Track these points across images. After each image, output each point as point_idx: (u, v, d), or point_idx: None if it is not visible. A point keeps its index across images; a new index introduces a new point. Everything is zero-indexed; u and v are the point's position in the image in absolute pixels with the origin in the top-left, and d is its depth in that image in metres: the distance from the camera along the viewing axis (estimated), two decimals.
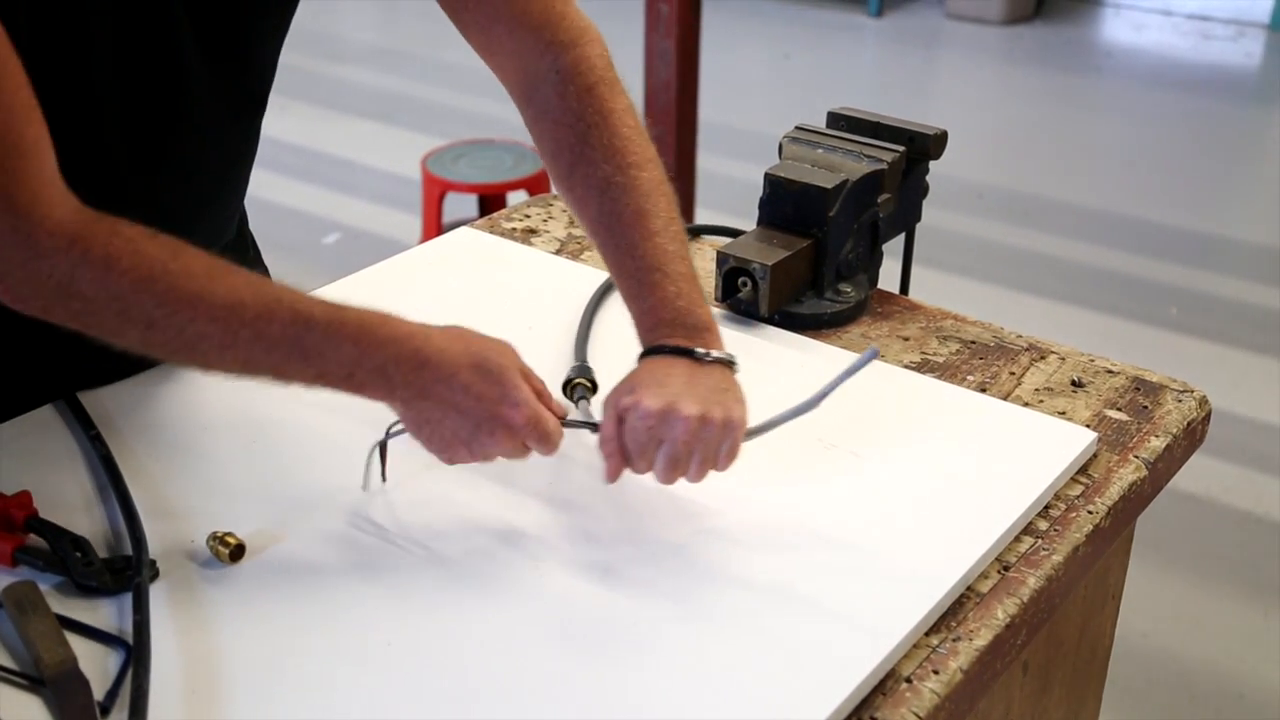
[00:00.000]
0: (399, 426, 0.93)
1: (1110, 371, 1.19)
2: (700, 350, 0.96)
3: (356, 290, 1.28)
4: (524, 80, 1.05)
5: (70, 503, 0.96)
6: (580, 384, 1.09)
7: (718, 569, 0.91)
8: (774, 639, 0.85)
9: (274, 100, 1.14)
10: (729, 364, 0.97)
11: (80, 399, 1.06)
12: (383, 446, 0.97)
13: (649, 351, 0.97)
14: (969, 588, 0.92)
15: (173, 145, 1.03)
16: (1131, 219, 3.87)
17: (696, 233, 1.42)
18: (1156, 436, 1.10)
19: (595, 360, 1.15)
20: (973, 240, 3.69)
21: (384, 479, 0.98)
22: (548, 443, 0.91)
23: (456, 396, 0.88)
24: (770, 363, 1.18)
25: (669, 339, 0.97)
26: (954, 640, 0.88)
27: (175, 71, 0.99)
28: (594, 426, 0.96)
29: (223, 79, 1.03)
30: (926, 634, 0.88)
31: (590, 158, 1.01)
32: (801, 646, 0.85)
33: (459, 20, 1.06)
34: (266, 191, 3.82)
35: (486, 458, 0.91)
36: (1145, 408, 1.14)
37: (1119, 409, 1.14)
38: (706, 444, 0.92)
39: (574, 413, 1.06)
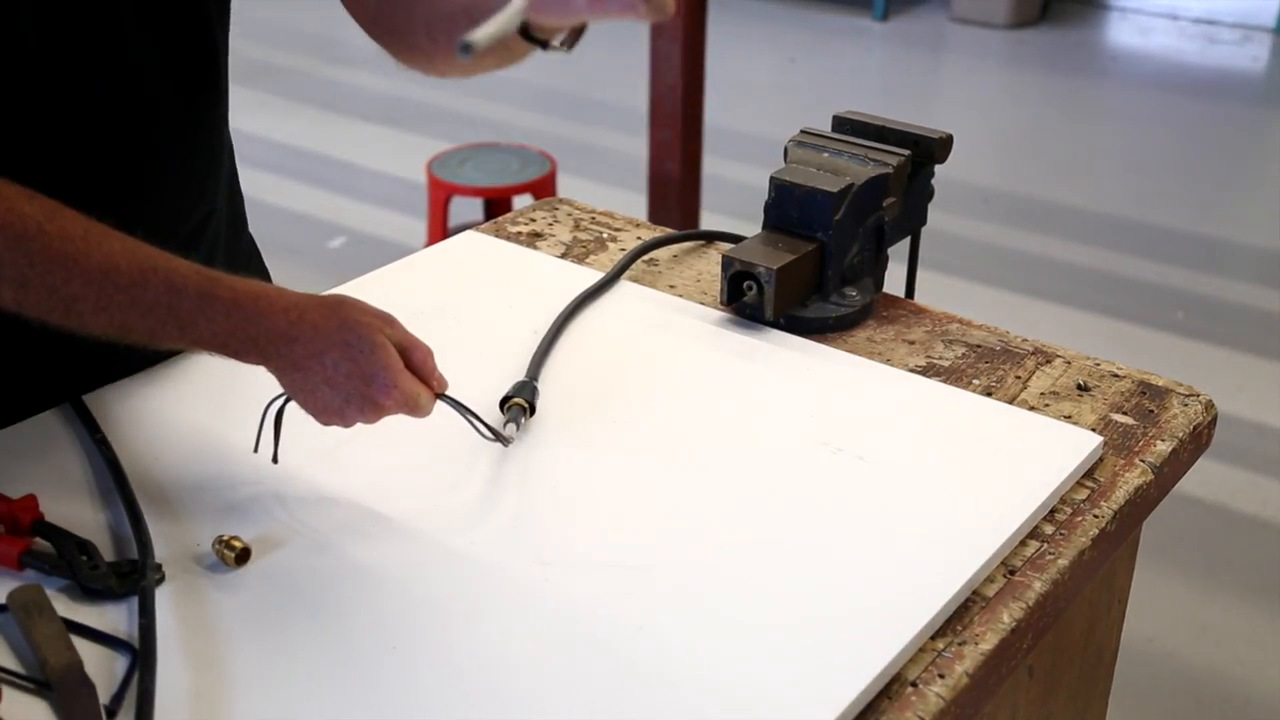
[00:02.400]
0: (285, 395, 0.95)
1: (1116, 375, 1.19)
2: None
3: (361, 293, 1.28)
4: None
5: (76, 506, 0.96)
6: (516, 404, 1.07)
7: (721, 572, 0.91)
8: (779, 643, 0.85)
9: (279, 104, 1.15)
10: None
11: (85, 402, 1.07)
12: (277, 419, 0.97)
13: None
14: (974, 592, 0.92)
15: (109, 91, 1.03)
16: (1137, 222, 3.87)
17: (704, 237, 1.42)
18: (1162, 441, 1.10)
19: (553, 379, 1.14)
20: (978, 244, 3.69)
21: (275, 460, 0.99)
22: (417, 415, 0.93)
23: (327, 372, 0.90)
24: (775, 367, 1.18)
25: None
26: (959, 644, 0.88)
27: (105, 14, 0.99)
28: (471, 413, 0.98)
29: (161, 25, 1.03)
30: (932, 638, 0.88)
31: None
32: (806, 650, 0.85)
33: None
34: (271, 195, 3.83)
35: (355, 423, 0.94)
36: (1151, 412, 1.14)
37: (1125, 413, 1.14)
38: None
39: (513, 416, 1.05)
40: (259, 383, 0.96)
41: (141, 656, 0.82)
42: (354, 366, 0.90)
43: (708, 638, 0.86)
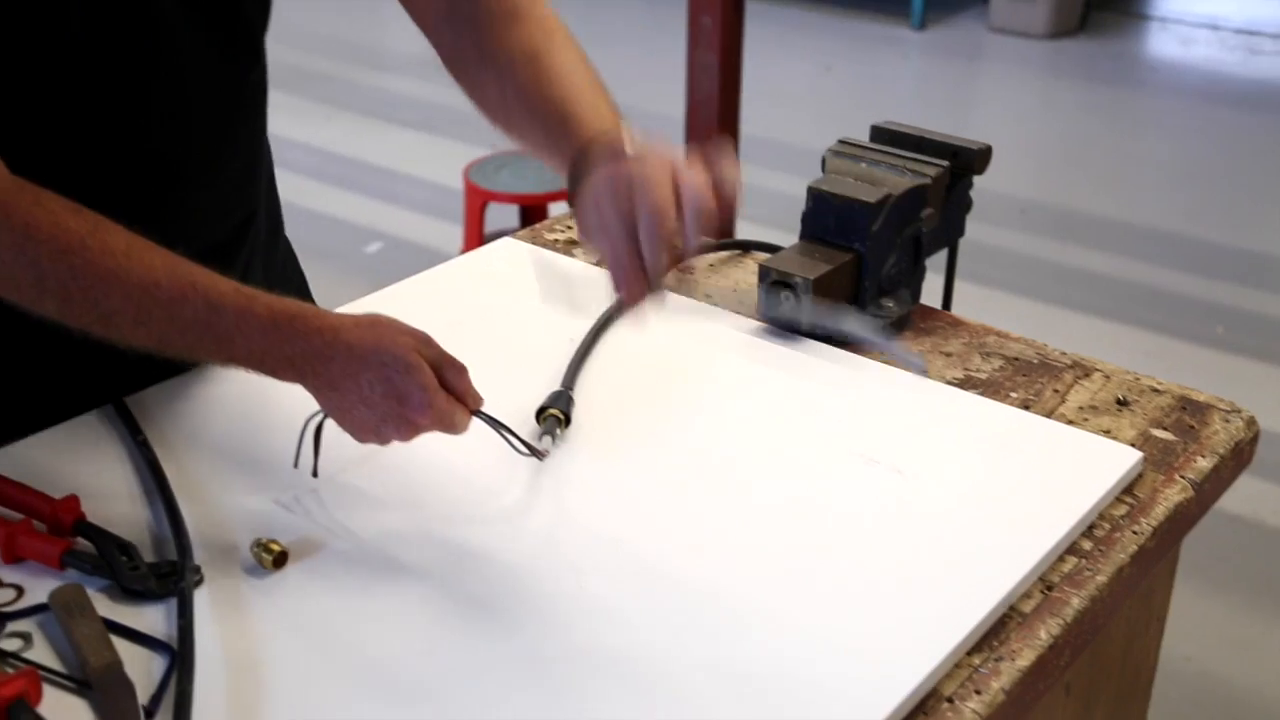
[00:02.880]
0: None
1: (1156, 390, 1.19)
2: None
3: (397, 300, 1.30)
4: None
5: (117, 507, 0.97)
6: (551, 415, 1.07)
7: (755, 585, 0.91)
8: (814, 657, 0.85)
9: (318, 109, 1.16)
10: None
11: (127, 404, 1.08)
12: (316, 434, 0.98)
13: (578, 171, 0.93)
14: (1012, 607, 0.92)
15: (155, 89, 1.03)
16: (1177, 235, 3.84)
17: (741, 247, 1.43)
18: (1203, 457, 1.09)
19: (589, 388, 1.14)
20: (1016, 255, 3.67)
21: (315, 474, 0.99)
22: (453, 433, 0.93)
23: (363, 392, 0.89)
24: (811, 377, 1.18)
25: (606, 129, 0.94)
26: (996, 660, 0.87)
27: (151, 11, 1.00)
28: (507, 429, 0.97)
29: (204, 25, 1.03)
30: (968, 653, 0.88)
31: (517, 31, 1.03)
32: (841, 664, 0.85)
33: None
34: (309, 200, 3.86)
35: (390, 442, 0.93)
36: (1192, 428, 1.13)
37: (1165, 428, 1.13)
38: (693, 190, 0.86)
39: (544, 433, 1.05)
40: (300, 389, 0.96)
41: (180, 657, 0.82)
42: (389, 387, 0.89)
43: (742, 650, 0.86)
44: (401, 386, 0.89)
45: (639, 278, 0.87)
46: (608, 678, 0.83)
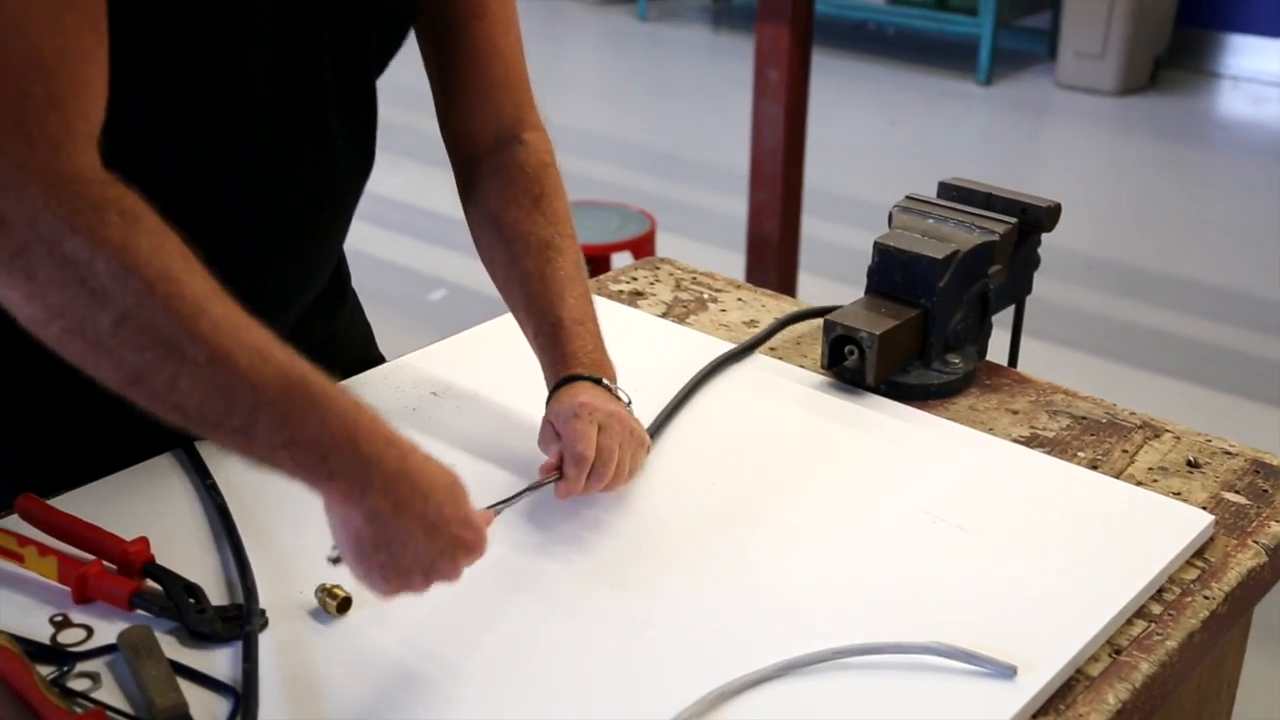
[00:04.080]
0: (337, 552, 0.86)
1: (1228, 453, 1.17)
2: (605, 380, 1.07)
3: (460, 350, 1.31)
4: (491, 140, 1.17)
5: (186, 549, 0.99)
6: None
7: (817, 640, 0.91)
8: (873, 717, 0.85)
9: (383, 158, 1.18)
10: (628, 403, 1.08)
11: (197, 448, 1.10)
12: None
13: (564, 381, 1.07)
14: (1078, 670, 0.91)
15: (309, 154, 1.06)
16: (1248, 295, 3.79)
17: (814, 315, 1.43)
18: (1277, 522, 1.08)
19: (682, 436, 1.15)
20: (1083, 313, 3.64)
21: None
22: (476, 558, 0.89)
23: (431, 515, 0.84)
24: (875, 433, 1.18)
25: (585, 371, 1.07)
26: None
27: (315, 84, 1.03)
28: (518, 495, 1.00)
29: (349, 96, 1.07)
30: (1034, 716, 0.87)
31: (537, 218, 1.13)
32: None
33: (446, 96, 1.16)
34: (374, 246, 3.91)
35: (429, 585, 0.87)
36: (1265, 491, 1.12)
37: (1237, 492, 1.12)
38: (631, 450, 1.04)
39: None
40: None
41: (244, 701, 0.83)
42: (452, 510, 0.85)
43: (794, 712, 0.85)
44: (460, 511, 0.86)
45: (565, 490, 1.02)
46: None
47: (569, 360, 1.08)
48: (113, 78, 0.84)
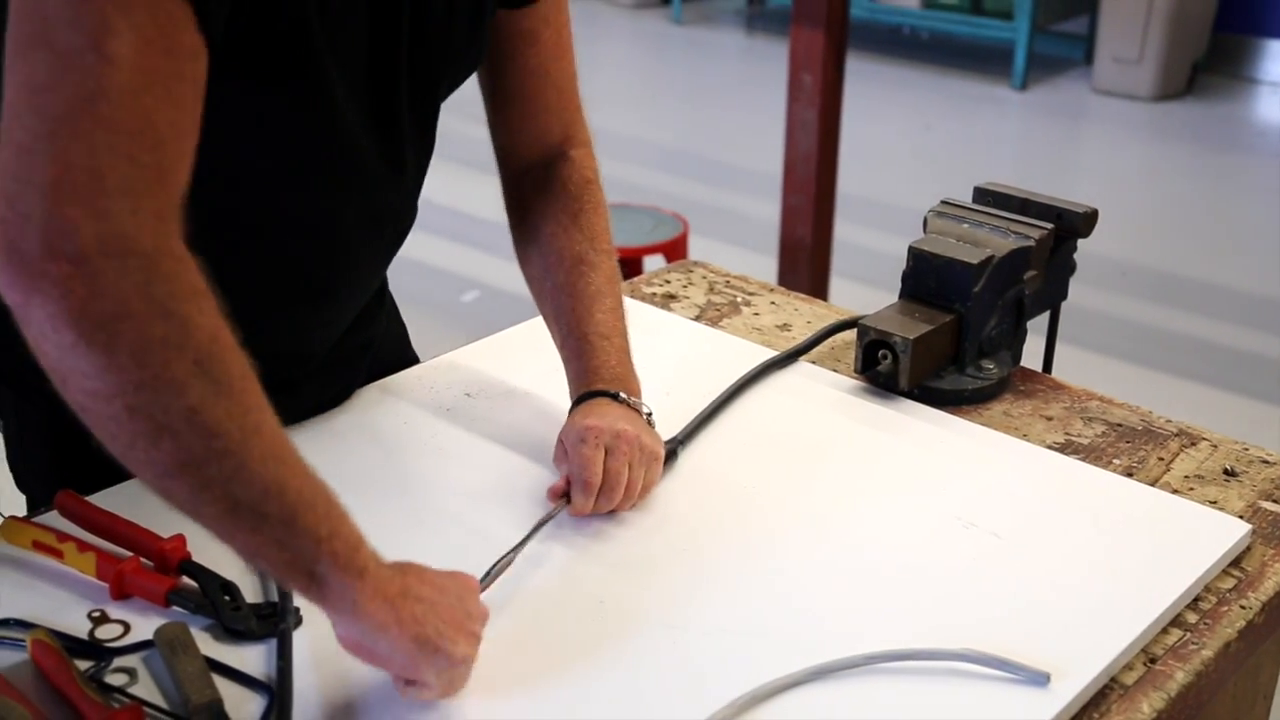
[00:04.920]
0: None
1: (1266, 461, 1.16)
2: (624, 395, 1.09)
3: (494, 351, 1.32)
4: (537, 156, 1.19)
5: (221, 547, 0.98)
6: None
7: (846, 647, 0.90)
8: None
9: None
10: (649, 415, 1.10)
11: None
12: None
13: (585, 396, 1.09)
14: (1113, 679, 0.90)
15: (386, 186, 1.07)
16: None
17: (843, 328, 1.42)
18: None
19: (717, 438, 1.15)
20: (1118, 319, 3.62)
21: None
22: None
23: (443, 582, 0.85)
24: (908, 437, 1.18)
25: (605, 386, 1.09)
26: None
27: (394, 123, 1.04)
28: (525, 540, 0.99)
29: (417, 127, 1.08)
30: None
31: (574, 234, 1.15)
32: None
33: (497, 113, 1.18)
34: (408, 249, 3.92)
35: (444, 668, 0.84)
36: None
37: (1275, 501, 1.11)
38: (644, 467, 1.05)
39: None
40: (401, 437, 0.97)
41: (278, 697, 0.84)
42: (461, 590, 0.86)
43: (826, 716, 0.85)
44: (466, 599, 0.87)
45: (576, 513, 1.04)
46: None
47: (590, 375, 1.10)
48: (225, 132, 0.84)
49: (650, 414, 1.10)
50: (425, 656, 0.82)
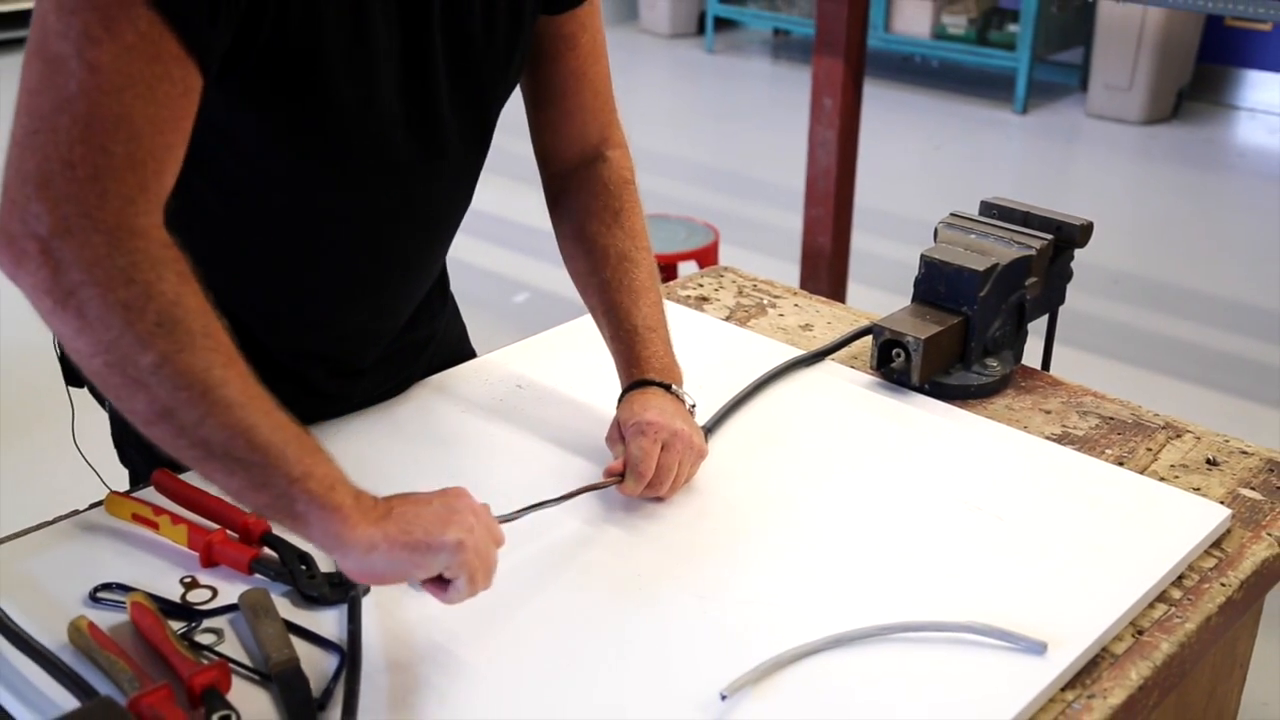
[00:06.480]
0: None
1: (1244, 452, 1.14)
2: (673, 386, 1.07)
3: (542, 348, 1.32)
4: (577, 157, 1.16)
5: None
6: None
7: (859, 619, 0.90)
8: (913, 689, 0.84)
9: None
10: (692, 406, 1.08)
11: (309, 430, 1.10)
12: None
13: (636, 385, 1.07)
14: (1104, 649, 0.89)
15: (429, 181, 1.06)
16: (1261, 308, 3.71)
17: (860, 335, 1.41)
18: None
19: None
20: (1110, 323, 3.58)
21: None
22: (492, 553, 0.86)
23: (431, 498, 0.85)
24: (920, 428, 1.17)
25: (656, 376, 1.07)
26: (1089, 697, 0.85)
27: (437, 118, 1.02)
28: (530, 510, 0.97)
29: (461, 116, 1.05)
30: (1062, 689, 0.85)
31: (616, 232, 1.13)
32: (941, 698, 0.83)
33: (537, 114, 1.15)
34: (466, 254, 3.91)
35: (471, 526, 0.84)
36: (1278, 488, 1.09)
37: (1252, 488, 1.09)
38: (691, 464, 1.04)
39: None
40: (458, 424, 0.97)
41: (349, 658, 0.84)
42: (453, 502, 0.85)
43: (842, 681, 0.84)
44: (460, 505, 0.86)
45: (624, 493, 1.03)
46: (717, 687, 0.83)
47: (642, 364, 1.08)
48: (255, 138, 0.83)
49: (694, 405, 1.09)
50: (421, 556, 0.81)
